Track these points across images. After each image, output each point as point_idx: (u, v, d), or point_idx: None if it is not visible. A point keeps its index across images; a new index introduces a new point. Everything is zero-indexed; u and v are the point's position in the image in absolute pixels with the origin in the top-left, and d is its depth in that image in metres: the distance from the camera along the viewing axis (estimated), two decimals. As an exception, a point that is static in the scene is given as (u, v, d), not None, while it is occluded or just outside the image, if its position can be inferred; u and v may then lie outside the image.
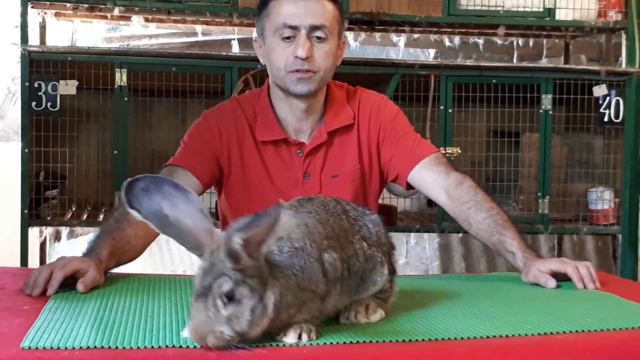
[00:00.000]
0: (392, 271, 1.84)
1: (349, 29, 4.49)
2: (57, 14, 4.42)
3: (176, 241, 1.55)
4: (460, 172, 2.58)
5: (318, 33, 2.47)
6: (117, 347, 1.51)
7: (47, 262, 4.54)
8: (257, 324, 1.50)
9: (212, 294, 1.47)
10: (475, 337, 1.66)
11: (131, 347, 1.52)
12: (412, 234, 5.54)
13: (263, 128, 2.59)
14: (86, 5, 4.17)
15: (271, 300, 1.50)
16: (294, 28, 2.45)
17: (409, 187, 2.65)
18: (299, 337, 1.56)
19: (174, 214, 1.55)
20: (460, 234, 5.55)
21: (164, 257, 5.79)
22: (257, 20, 2.59)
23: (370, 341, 1.60)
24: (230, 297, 1.47)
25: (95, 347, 1.51)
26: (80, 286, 1.99)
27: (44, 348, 1.49)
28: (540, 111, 4.30)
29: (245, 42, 4.98)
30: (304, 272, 1.56)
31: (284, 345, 1.56)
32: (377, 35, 4.67)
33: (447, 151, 4.16)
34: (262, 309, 1.50)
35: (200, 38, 5.20)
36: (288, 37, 2.46)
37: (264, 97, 2.63)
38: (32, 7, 4.14)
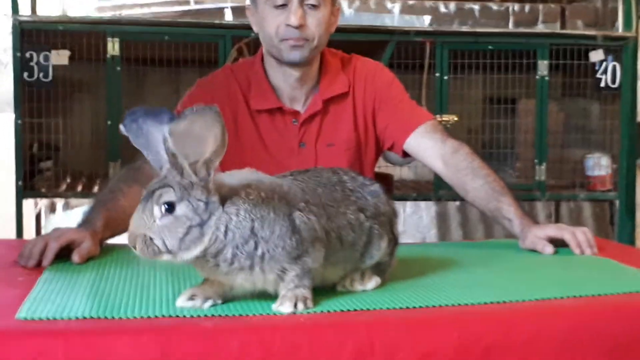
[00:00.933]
0: (393, 240, 1.83)
1: (344, -4, 4.46)
2: (48, -17, 4.38)
3: (142, 152, 1.58)
4: (457, 140, 2.56)
5: (311, 0, 2.43)
6: (112, 317, 1.51)
7: (43, 233, 4.54)
8: (188, 247, 1.50)
9: (152, 199, 1.50)
10: (472, 304, 1.65)
11: (127, 317, 1.51)
12: (409, 203, 5.53)
13: (257, 97, 2.57)
14: (77, -26, 4.14)
15: (211, 229, 1.51)
16: None
17: (405, 155, 2.64)
18: (295, 306, 1.56)
19: (147, 128, 1.57)
20: (457, 202, 5.55)
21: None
22: None
23: (368, 309, 1.60)
24: (169, 209, 1.49)
25: (90, 317, 1.50)
26: (75, 257, 1.98)
27: (40, 319, 1.49)
28: (537, 77, 4.29)
29: (238, 10, 4.95)
30: (263, 221, 1.55)
31: (281, 314, 1.55)
32: (372, 1, 4.65)
33: (444, 119, 4.15)
34: (199, 233, 1.50)
35: (193, 7, 5.17)
36: (280, 5, 2.43)
37: (257, 65, 2.61)
38: (23, -24, 4.10)
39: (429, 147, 2.54)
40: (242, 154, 2.54)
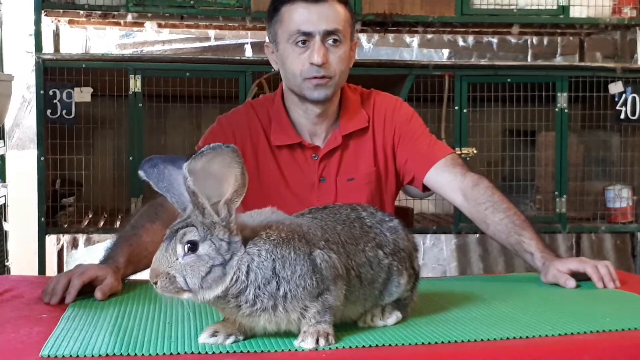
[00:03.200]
0: (414, 276, 1.83)
1: (362, 31, 4.49)
2: (70, 22, 4.45)
3: (166, 196, 1.62)
4: (477, 173, 2.56)
5: (332, 38, 2.45)
6: (135, 354, 1.51)
7: (65, 269, 4.56)
8: (210, 286, 1.53)
9: (175, 238, 1.53)
10: (494, 339, 1.64)
11: (150, 354, 1.52)
12: (429, 236, 5.53)
13: (278, 132, 2.59)
14: (99, 12, 4.20)
15: (232, 269, 1.54)
16: (308, 34, 2.44)
17: (425, 189, 2.64)
18: (317, 342, 1.56)
19: (168, 172, 1.61)
20: (477, 235, 5.53)
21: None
22: (269, 26, 2.58)
23: (390, 344, 1.60)
24: (192, 248, 1.53)
25: (114, 354, 1.51)
26: (98, 294, 1.99)
27: (63, 356, 1.50)
28: (556, 109, 4.28)
29: (258, 46, 4.99)
30: (284, 261, 1.57)
31: (303, 350, 1.56)
32: (391, 36, 4.67)
33: (463, 151, 4.15)
34: (221, 272, 1.53)
35: (213, 43, 5.22)
36: (302, 43, 2.45)
37: (278, 101, 2.62)
38: (46, 15, 4.16)
39: (449, 181, 2.54)
40: (263, 189, 2.55)
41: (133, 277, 2.26)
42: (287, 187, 2.57)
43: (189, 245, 1.53)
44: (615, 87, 4.34)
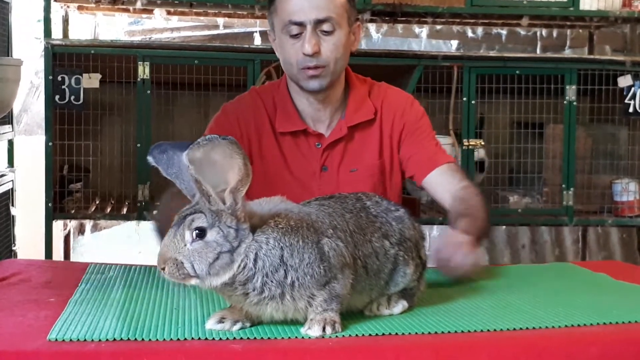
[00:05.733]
0: (421, 265, 1.83)
1: (371, 21, 4.47)
2: (79, 8, 4.44)
3: (175, 182, 1.64)
4: (475, 185, 2.57)
5: (324, 26, 2.43)
6: (142, 339, 1.52)
7: (71, 255, 4.58)
8: (217, 272, 1.55)
9: (184, 224, 1.55)
10: (501, 330, 1.65)
11: (157, 339, 1.53)
12: (435, 227, 5.51)
13: (282, 119, 2.59)
14: (109, -1, 4.19)
15: (240, 256, 1.55)
16: (299, 24, 2.42)
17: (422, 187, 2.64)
18: (323, 329, 1.57)
19: (177, 158, 1.62)
20: (484, 226, 5.52)
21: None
22: (268, 16, 2.58)
23: (396, 333, 1.60)
24: (200, 234, 1.54)
25: (121, 339, 1.52)
26: None
27: (71, 340, 1.51)
28: (565, 102, 4.27)
29: (266, 35, 4.98)
30: (292, 249, 1.58)
31: (309, 337, 1.56)
32: (399, 26, 4.65)
33: (471, 143, 4.14)
34: (228, 259, 1.55)
35: (222, 31, 5.21)
36: (295, 33, 2.44)
37: (282, 88, 2.63)
38: (55, 0, 4.16)
39: (445, 184, 2.53)
40: (266, 175, 2.55)
41: (139, 262, 2.26)
42: (290, 174, 2.57)
43: (197, 231, 1.54)
44: (624, 81, 4.32)
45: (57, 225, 4.27)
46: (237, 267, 1.55)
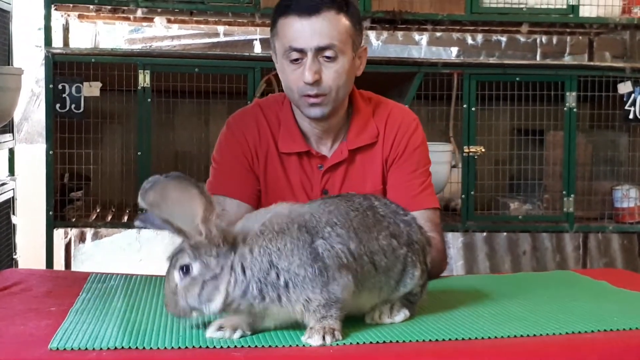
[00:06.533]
0: (426, 271, 1.83)
1: (371, 28, 4.48)
2: (80, 16, 4.45)
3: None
4: (441, 240, 2.47)
5: (326, 53, 2.34)
6: (144, 348, 1.52)
7: (72, 263, 4.58)
8: (208, 299, 1.63)
9: (171, 264, 1.66)
10: (502, 337, 1.65)
11: (158, 348, 1.53)
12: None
13: (286, 139, 2.51)
14: (109, 7, 4.20)
15: (225, 278, 1.62)
16: (300, 51, 2.34)
17: None
18: (323, 338, 1.58)
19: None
20: (485, 234, 5.53)
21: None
22: (270, 38, 2.50)
23: (397, 341, 1.60)
24: (186, 271, 1.64)
25: (122, 347, 1.52)
26: None
27: (72, 349, 1.51)
28: (565, 109, 4.27)
29: (267, 43, 4.96)
30: (280, 252, 1.62)
31: (310, 345, 1.56)
32: (400, 34, 4.66)
33: (471, 150, 4.15)
34: (212, 285, 1.62)
35: (222, 39, 5.22)
36: (296, 59, 2.36)
37: (286, 106, 2.55)
38: (56, 9, 4.17)
39: None
40: (268, 195, 2.48)
41: (140, 272, 2.26)
42: (293, 195, 2.48)
43: (182, 269, 1.64)
44: (624, 87, 4.32)
45: (58, 234, 4.26)
46: (227, 286, 1.62)
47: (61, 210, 4.11)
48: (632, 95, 4.32)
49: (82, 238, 4.69)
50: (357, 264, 1.68)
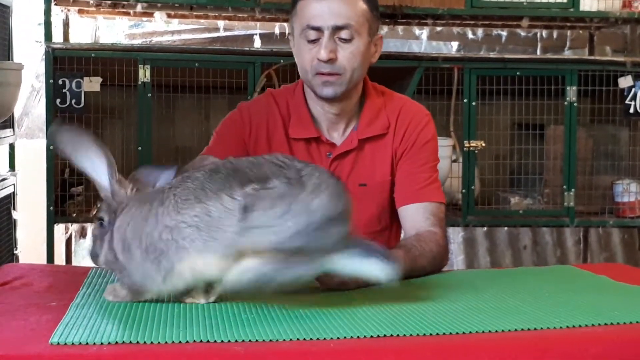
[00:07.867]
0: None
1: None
2: (80, 11, 4.45)
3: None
4: (443, 235, 2.47)
5: (342, 34, 2.38)
6: (144, 342, 1.52)
7: (73, 259, 4.58)
8: (96, 255, 1.89)
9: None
10: (501, 331, 1.65)
11: (159, 342, 1.53)
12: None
13: (296, 125, 2.54)
14: (109, 2, 4.19)
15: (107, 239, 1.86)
16: (317, 29, 2.38)
17: None
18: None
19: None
20: (485, 228, 5.53)
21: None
22: (289, 20, 2.54)
23: (397, 334, 1.60)
24: (100, 224, 1.89)
25: (123, 342, 1.52)
26: None
27: (73, 343, 1.51)
28: (565, 103, 4.27)
29: (267, 37, 4.99)
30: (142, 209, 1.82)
31: (311, 339, 1.57)
32: (400, 28, 4.66)
33: (472, 144, 4.15)
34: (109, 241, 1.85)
35: (222, 33, 5.21)
36: (313, 38, 2.40)
37: (298, 93, 2.58)
38: (56, 4, 4.16)
39: (416, 221, 2.46)
40: None
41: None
42: None
43: (98, 220, 1.93)
44: (625, 81, 4.32)
45: (59, 229, 4.27)
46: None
47: (62, 205, 4.11)
48: (633, 90, 4.31)
49: (82, 233, 4.70)
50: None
